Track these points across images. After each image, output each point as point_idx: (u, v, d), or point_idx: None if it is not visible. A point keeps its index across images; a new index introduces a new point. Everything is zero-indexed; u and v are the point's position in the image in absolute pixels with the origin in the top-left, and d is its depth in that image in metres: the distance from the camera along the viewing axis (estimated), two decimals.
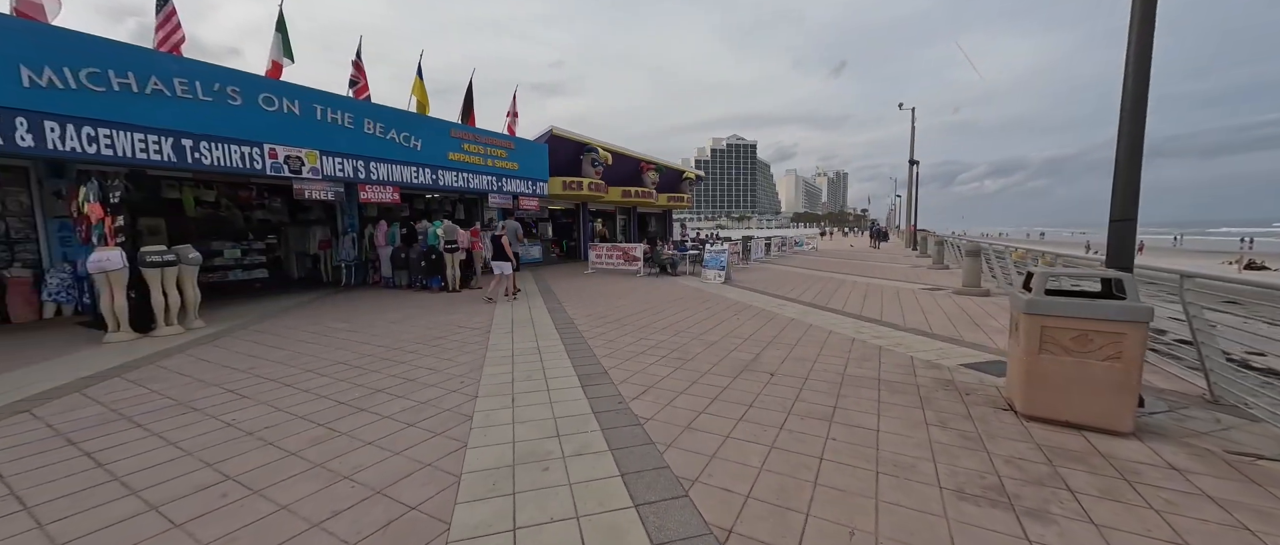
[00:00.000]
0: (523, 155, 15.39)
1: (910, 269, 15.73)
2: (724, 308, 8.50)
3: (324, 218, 13.02)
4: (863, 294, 10.08)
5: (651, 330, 6.77)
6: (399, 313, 8.33)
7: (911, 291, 10.38)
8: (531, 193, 15.85)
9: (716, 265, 12.51)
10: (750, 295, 9.99)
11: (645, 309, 8.43)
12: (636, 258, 14.46)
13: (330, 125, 10.07)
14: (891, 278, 13.23)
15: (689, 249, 14.92)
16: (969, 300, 9.11)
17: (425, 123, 12.32)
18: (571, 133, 17.88)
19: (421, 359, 5.41)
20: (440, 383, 4.57)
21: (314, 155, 9.75)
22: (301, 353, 5.75)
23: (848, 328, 6.82)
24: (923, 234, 28.02)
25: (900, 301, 9.05)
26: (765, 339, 6.20)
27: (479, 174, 13.74)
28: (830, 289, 10.93)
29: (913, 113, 29.49)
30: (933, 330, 6.62)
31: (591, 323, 7.33)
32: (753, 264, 17.80)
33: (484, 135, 13.95)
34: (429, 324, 7.43)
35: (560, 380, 4.61)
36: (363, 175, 10.73)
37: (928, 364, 5.03)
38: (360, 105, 10.85)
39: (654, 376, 4.72)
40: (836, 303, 8.98)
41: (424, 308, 8.76)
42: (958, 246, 15.65)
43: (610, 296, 9.95)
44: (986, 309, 8.20)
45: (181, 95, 7.95)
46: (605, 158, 19.08)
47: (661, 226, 31.53)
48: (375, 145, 10.96)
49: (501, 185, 14.62)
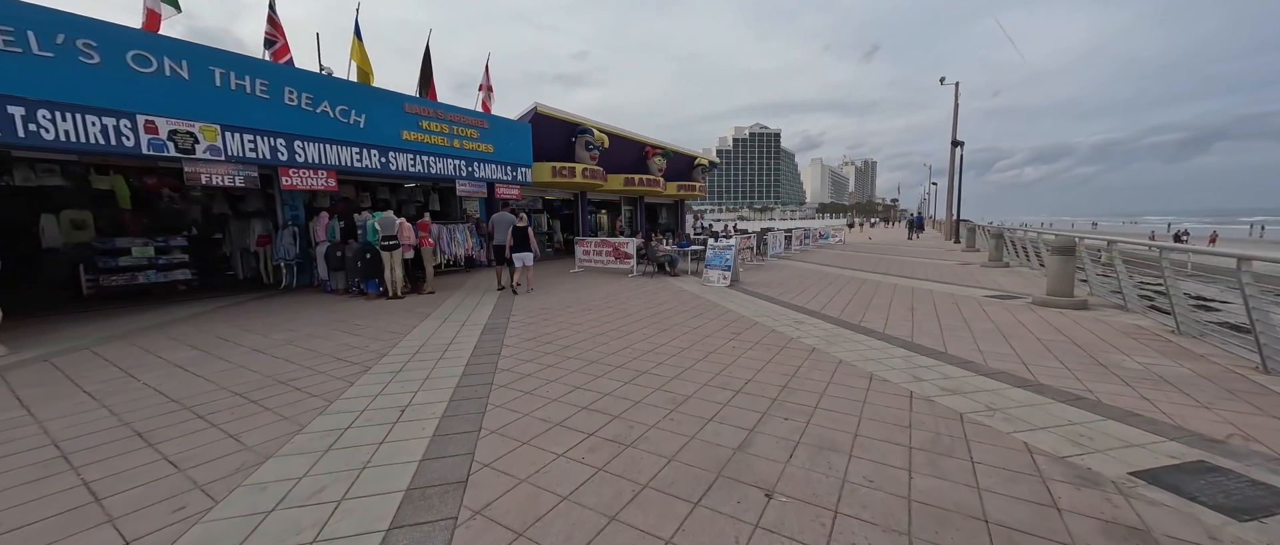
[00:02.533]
0: (500, 136, 13.33)
1: (959, 267, 13.09)
2: (719, 327, 6.26)
3: (264, 209, 11.24)
4: (908, 304, 7.67)
5: (601, 370, 4.61)
6: (293, 329, 6.38)
7: (974, 300, 7.91)
8: (511, 179, 13.79)
9: (720, 264, 10.22)
10: (759, 305, 7.70)
11: (613, 328, 6.27)
12: (628, 255, 12.27)
13: (236, 94, 8.15)
14: (941, 279, 10.69)
15: (690, 244, 12.64)
16: (1062, 316, 6.63)
17: (370, 95, 10.31)
18: (560, 111, 15.71)
19: (211, 425, 3.38)
20: (139, 501, 2.52)
21: (212, 130, 7.87)
22: (69, 405, 3.80)
23: (898, 368, 4.50)
24: (965, 224, 25.00)
25: (965, 317, 6.63)
26: (768, 392, 3.96)
27: (443, 157, 11.73)
28: (864, 296, 8.53)
29: (955, 88, 26.27)
30: (1034, 376, 4.25)
31: (526, 352, 5.21)
32: (769, 261, 15.39)
33: (449, 112, 11.91)
34: (310, 349, 5.44)
35: (360, 514, 2.50)
36: (284, 157, 8.82)
37: (1069, 471, 2.71)
38: (278, 71, 8.87)
39: (548, 491, 2.56)
40: (874, 319, 6.62)
41: (333, 322, 6.80)
42: (1029, 242, 12.94)
43: (579, 306, 7.82)
44: (1095, 332, 5.73)
45: (5, 48, 6.11)
46: (601, 141, 16.87)
47: (674, 218, 29.20)
48: (301, 120, 9.03)
49: (473, 171, 12.60)
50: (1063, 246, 7.32)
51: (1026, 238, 12.94)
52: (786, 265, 14.09)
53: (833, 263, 14.73)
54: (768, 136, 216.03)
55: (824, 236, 25.64)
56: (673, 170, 23.93)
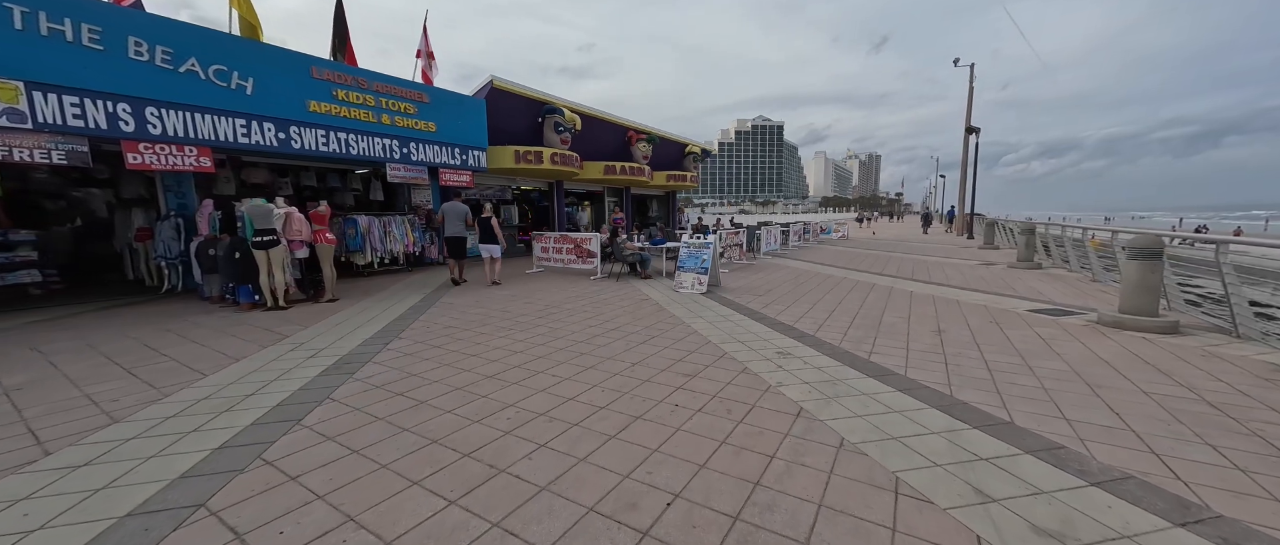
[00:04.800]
0: (445, 113, 11.38)
1: (984, 270, 11.16)
2: (669, 362, 4.36)
3: (147, 196, 9.35)
4: (933, 323, 5.76)
5: (430, 466, 2.71)
6: (81, 356, 4.51)
7: (1019, 318, 6.00)
8: (461, 164, 11.85)
9: (695, 267, 8.31)
10: (735, 324, 5.80)
11: (519, 365, 4.38)
12: (591, 253, 10.37)
13: (51, 42, 6.22)
14: (965, 284, 8.77)
15: (664, 240, 10.74)
16: (1154, 347, 4.72)
17: (257, 53, 8.30)
18: (521, 86, 13.71)
19: None
20: None
21: (10, 89, 5.95)
22: None
23: (941, 459, 2.58)
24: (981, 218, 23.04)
25: (1018, 349, 4.71)
26: (710, 536, 2.07)
27: (367, 135, 9.80)
28: (873, 309, 6.62)
29: (970, 70, 24.18)
30: (1197, 495, 2.35)
31: (344, 420, 3.31)
32: (762, 260, 13.47)
33: (375, 80, 9.95)
34: (40, 397, 3.57)
35: None
36: (130, 127, 6.88)
37: None
38: (119, 14, 6.87)
39: None
40: (890, 348, 4.71)
41: (146, 346, 4.92)
42: (1069, 240, 11.00)
43: (501, 323, 5.94)
44: (1220, 375, 3.81)
45: None
46: (572, 121, 14.90)
47: (664, 210, 27.23)
48: (155, 80, 7.08)
49: (409, 152, 10.67)
50: (1146, 249, 5.38)
51: (1064, 235, 10.99)
52: (781, 264, 12.17)
53: (834, 262, 12.80)
54: (770, 129, 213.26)
55: (825, 231, 23.67)
56: (662, 158, 21.97)
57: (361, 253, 10.32)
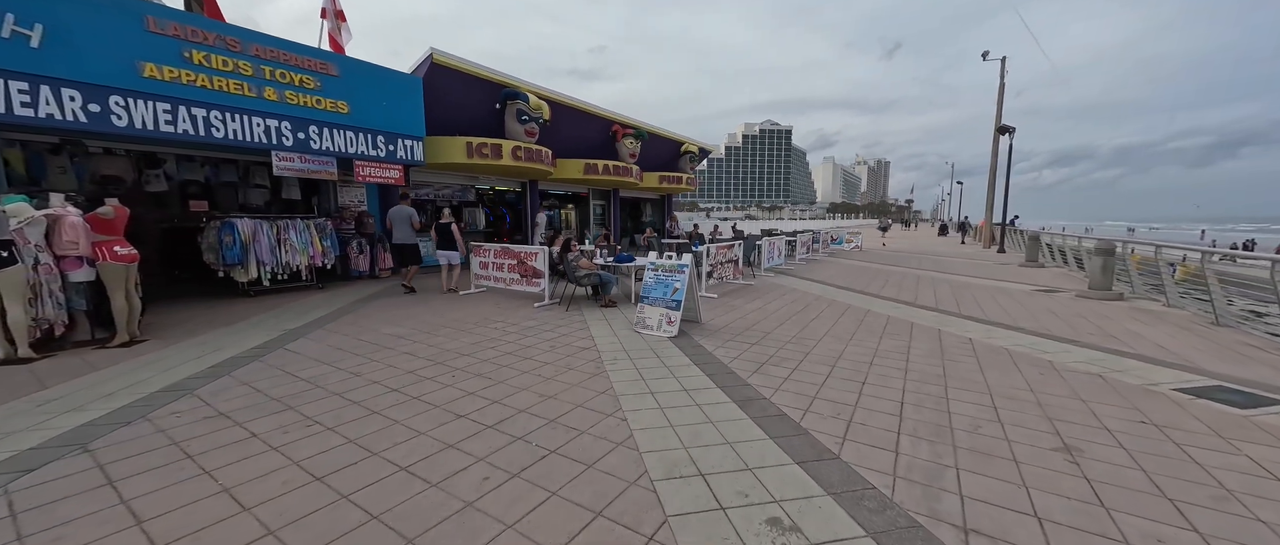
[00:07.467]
0: (363, 92, 9.04)
1: (1048, 299, 8.66)
2: (563, 540, 1.97)
3: None
4: (1036, 414, 3.31)
5: None
6: None
7: (1177, 408, 3.53)
8: (387, 156, 9.51)
9: (664, 298, 5.89)
10: (707, 407, 3.36)
11: (272, 518, 2.00)
12: (537, 272, 7.96)
13: None
14: (1047, 330, 6.28)
15: (630, 257, 8.33)
16: None
17: None
18: (474, 65, 11.33)
19: None
20: None
21: None
22: None
23: None
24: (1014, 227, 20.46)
25: (1230, 490, 2.26)
26: None
27: (240, 113, 7.46)
28: (929, 374, 4.14)
29: (1002, 63, 21.65)
30: None
31: None
32: (761, 279, 11.01)
33: (251, 41, 7.58)
34: None
35: None
36: None
37: None
38: None
39: None
40: (1001, 503, 2.26)
41: None
42: (1165, 264, 8.52)
43: (331, 388, 3.56)
44: None
45: None
46: (539, 108, 12.53)
47: (659, 215, 24.79)
48: None
49: (307, 138, 8.33)
50: None
51: (1157, 259, 8.48)
52: (785, 286, 9.71)
53: (851, 283, 10.32)
54: (779, 133, 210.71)
55: (835, 241, 21.15)
56: (654, 158, 19.60)
57: (242, 268, 8.00)
